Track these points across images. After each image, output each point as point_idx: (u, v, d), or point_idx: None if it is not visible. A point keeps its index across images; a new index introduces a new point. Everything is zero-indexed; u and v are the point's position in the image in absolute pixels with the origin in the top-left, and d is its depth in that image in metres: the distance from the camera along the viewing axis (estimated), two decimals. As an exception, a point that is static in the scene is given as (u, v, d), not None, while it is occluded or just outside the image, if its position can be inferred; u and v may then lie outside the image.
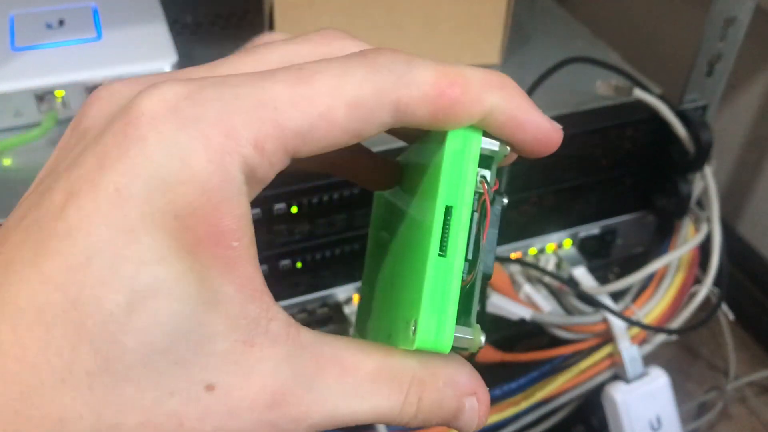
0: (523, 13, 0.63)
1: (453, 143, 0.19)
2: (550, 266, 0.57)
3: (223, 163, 0.16)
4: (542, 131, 0.20)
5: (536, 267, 0.55)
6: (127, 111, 0.17)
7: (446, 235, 0.19)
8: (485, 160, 0.19)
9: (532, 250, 0.56)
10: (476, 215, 0.19)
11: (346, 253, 0.49)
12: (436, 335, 0.18)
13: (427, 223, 0.19)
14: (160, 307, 0.16)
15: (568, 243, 0.57)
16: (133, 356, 0.16)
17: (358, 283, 0.51)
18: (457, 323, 0.19)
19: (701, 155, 0.52)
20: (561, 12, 0.66)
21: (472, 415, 0.20)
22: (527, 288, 0.55)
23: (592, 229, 0.58)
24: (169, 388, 0.17)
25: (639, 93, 0.51)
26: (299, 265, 0.48)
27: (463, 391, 0.20)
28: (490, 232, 0.20)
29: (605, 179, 0.55)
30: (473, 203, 0.19)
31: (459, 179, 0.19)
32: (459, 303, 0.19)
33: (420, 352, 0.19)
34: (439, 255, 0.19)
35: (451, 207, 0.19)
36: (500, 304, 0.52)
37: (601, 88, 0.53)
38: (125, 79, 0.19)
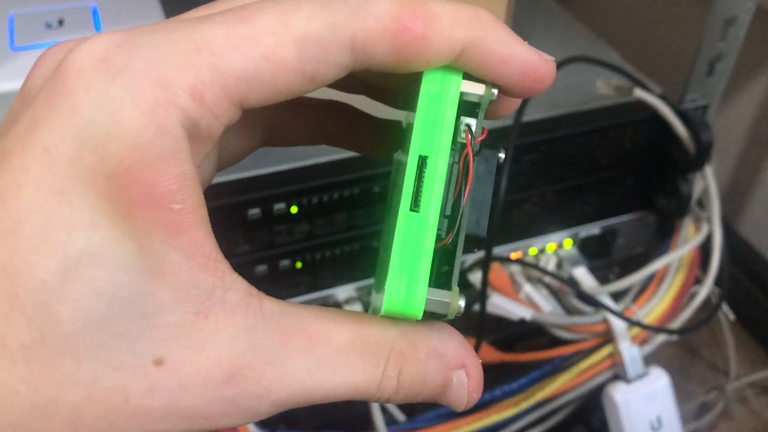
0: (523, 13, 0.63)
1: (428, 87, 0.17)
2: (551, 266, 0.57)
3: (156, 116, 0.15)
4: (529, 64, 0.17)
5: (536, 267, 0.55)
6: (57, 68, 0.16)
7: (420, 189, 0.17)
8: (469, 107, 0.18)
9: (533, 250, 0.56)
10: (458, 168, 0.17)
11: (346, 253, 0.49)
12: (406, 297, 0.16)
13: (403, 175, 0.17)
14: (96, 275, 0.15)
15: (568, 243, 0.57)
16: (70, 327, 0.15)
17: (358, 283, 0.51)
18: (432, 285, 0.17)
19: (702, 155, 0.52)
20: (561, 12, 0.66)
21: (461, 390, 0.18)
22: (527, 288, 0.55)
23: (593, 229, 0.58)
24: (113, 362, 0.15)
25: (639, 93, 0.51)
26: (299, 265, 0.48)
27: (450, 363, 0.18)
28: (479, 190, 0.18)
29: (605, 179, 0.55)
30: (453, 154, 0.17)
31: (434, 126, 0.17)
32: (435, 263, 0.17)
33: (400, 321, 0.17)
34: (411, 210, 0.17)
35: (426, 157, 0.17)
36: (500, 304, 0.52)
37: (602, 88, 0.53)
38: (70, 39, 0.18)
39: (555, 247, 0.57)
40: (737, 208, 0.75)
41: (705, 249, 0.55)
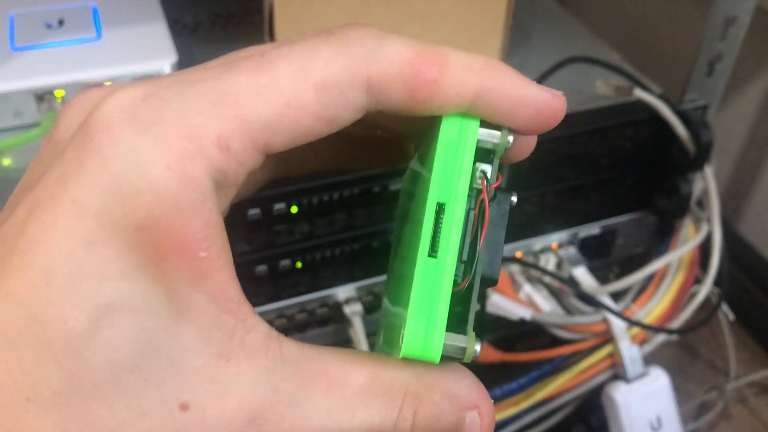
0: (523, 13, 0.63)
1: (447, 134, 0.17)
2: (550, 266, 0.57)
3: (184, 169, 0.15)
4: (542, 102, 0.18)
5: (536, 267, 0.55)
6: (85, 122, 0.16)
7: (438, 235, 0.17)
8: (485, 154, 0.18)
9: (533, 250, 0.56)
10: (473, 213, 0.18)
11: (346, 253, 0.49)
12: (424, 342, 0.17)
13: (420, 220, 0.18)
14: (125, 323, 0.16)
15: (568, 243, 0.57)
16: (101, 374, 0.15)
17: (358, 283, 0.51)
18: (449, 330, 0.17)
19: (701, 155, 0.52)
20: (561, 12, 0.66)
21: (474, 430, 0.19)
22: (527, 288, 0.55)
23: (593, 229, 0.58)
24: (140, 407, 0.16)
25: (639, 93, 0.51)
26: (299, 265, 0.48)
27: (463, 404, 0.19)
28: (493, 233, 0.18)
29: (605, 179, 0.55)
30: (469, 200, 0.18)
31: (452, 174, 0.17)
32: (452, 308, 0.17)
33: (415, 362, 0.18)
34: (429, 256, 0.17)
35: (444, 204, 0.17)
36: (500, 304, 0.52)
37: (602, 88, 0.53)
38: (100, 87, 0.19)
39: (555, 247, 0.57)
40: (737, 208, 0.75)
41: (705, 249, 0.55)
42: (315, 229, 0.47)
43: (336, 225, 0.47)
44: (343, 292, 0.51)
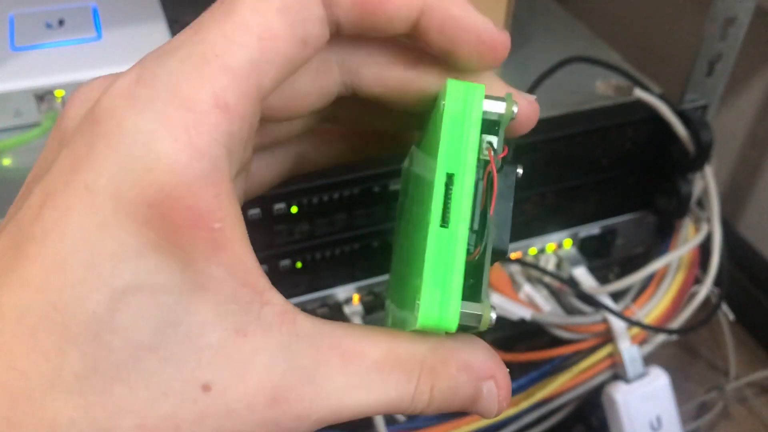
0: (523, 13, 0.63)
1: (452, 105, 0.17)
2: (550, 266, 0.57)
3: (190, 139, 0.15)
4: (485, 31, 0.18)
5: (536, 267, 0.55)
6: (91, 110, 0.16)
7: (448, 205, 0.17)
8: (490, 125, 0.18)
9: (532, 250, 0.56)
10: (482, 184, 0.18)
11: (346, 253, 0.49)
12: (440, 311, 0.17)
13: (427, 196, 0.18)
14: (143, 302, 0.16)
15: (568, 243, 0.57)
16: (122, 355, 0.15)
17: (358, 283, 0.51)
18: (463, 299, 0.17)
19: (701, 155, 0.52)
20: (561, 12, 0.66)
21: (491, 400, 0.19)
22: (527, 288, 0.55)
23: (593, 229, 0.58)
24: (162, 388, 0.16)
25: (639, 93, 0.51)
26: (299, 265, 0.48)
27: (480, 375, 0.19)
28: (501, 204, 0.18)
29: (605, 179, 0.55)
30: (477, 171, 0.18)
31: (460, 144, 0.17)
32: (465, 277, 0.17)
33: (430, 335, 0.18)
34: (441, 226, 0.17)
35: (453, 174, 0.17)
36: (500, 304, 0.52)
37: (602, 88, 0.53)
38: (100, 77, 0.19)
39: (555, 246, 0.57)
40: (737, 208, 0.75)
41: (705, 249, 0.55)
42: (315, 229, 0.47)
43: (336, 225, 0.47)
44: (343, 292, 0.51)
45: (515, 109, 0.18)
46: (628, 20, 0.79)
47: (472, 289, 0.18)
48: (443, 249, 0.17)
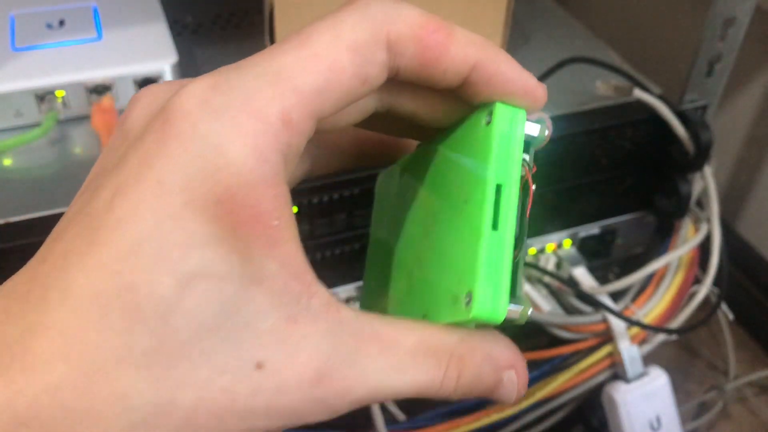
0: (523, 12, 0.63)
1: (500, 126, 0.20)
2: (550, 266, 0.57)
3: (256, 145, 0.17)
4: (530, 85, 0.20)
5: (536, 267, 0.55)
6: (162, 111, 0.18)
7: (498, 211, 0.20)
8: (525, 145, 0.20)
9: (532, 250, 0.56)
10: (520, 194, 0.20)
11: (346, 253, 0.49)
12: (492, 305, 0.19)
13: (476, 201, 0.20)
14: (207, 288, 0.17)
15: (568, 243, 0.57)
16: (185, 335, 0.17)
17: (359, 283, 0.51)
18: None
19: (701, 155, 0.52)
20: (561, 12, 0.66)
21: (511, 388, 0.21)
22: (527, 288, 0.55)
23: (592, 229, 0.58)
24: (221, 365, 0.17)
25: (639, 93, 0.51)
26: (299, 264, 0.48)
27: (502, 365, 0.21)
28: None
29: (605, 179, 0.55)
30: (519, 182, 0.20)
31: (508, 159, 0.20)
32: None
33: (459, 328, 0.20)
34: (493, 229, 0.19)
35: (501, 185, 0.20)
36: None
37: (601, 88, 0.53)
38: (164, 82, 0.21)
39: (554, 246, 0.57)
40: (736, 208, 0.75)
41: (704, 249, 0.55)
42: (315, 229, 0.47)
43: (336, 225, 0.47)
44: (343, 292, 0.51)
45: (547, 133, 0.21)
46: (628, 20, 0.80)
47: (512, 287, 0.20)
48: (494, 250, 0.19)
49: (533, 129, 0.20)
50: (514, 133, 0.20)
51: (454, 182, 0.21)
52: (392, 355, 0.19)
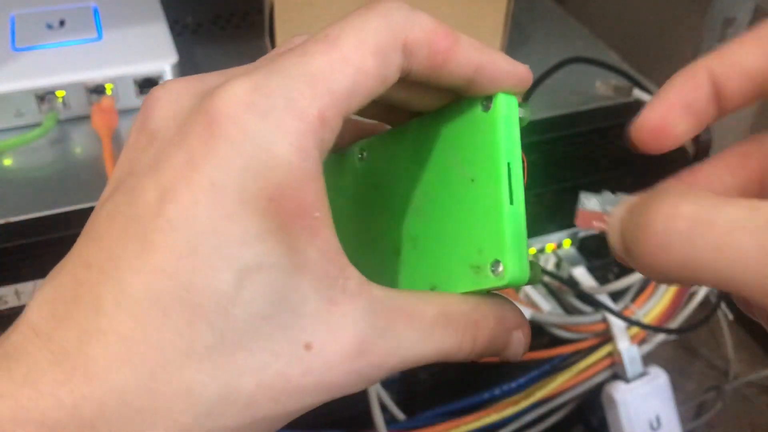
0: (523, 13, 0.63)
1: (502, 112, 0.22)
2: (550, 266, 0.57)
3: (301, 145, 0.19)
4: (524, 74, 0.23)
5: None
6: (202, 113, 0.19)
7: (512, 187, 0.22)
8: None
9: (532, 250, 0.56)
10: None
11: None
12: (521, 270, 0.21)
13: (486, 179, 0.22)
14: (262, 279, 0.18)
15: (567, 243, 0.58)
16: (244, 326, 0.18)
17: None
18: None
19: (700, 155, 0.52)
20: (561, 12, 0.66)
21: (519, 346, 0.24)
22: (527, 288, 0.55)
23: (592, 228, 0.58)
24: (275, 350, 0.19)
25: (638, 93, 0.51)
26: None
27: (510, 326, 0.23)
28: None
29: (605, 179, 0.55)
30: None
31: (511, 140, 0.22)
32: None
33: (471, 296, 0.22)
34: (510, 204, 0.22)
35: (510, 163, 0.22)
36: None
37: (601, 89, 0.53)
38: (178, 80, 0.21)
39: (554, 246, 0.57)
40: (736, 208, 0.74)
41: (704, 249, 0.55)
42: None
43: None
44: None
45: (530, 114, 0.23)
46: (627, 21, 0.80)
47: None
48: (514, 222, 0.22)
49: (522, 112, 0.23)
50: (514, 116, 0.22)
51: (453, 162, 0.23)
52: (418, 326, 0.21)
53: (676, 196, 0.18)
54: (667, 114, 0.23)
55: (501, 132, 0.22)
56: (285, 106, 0.19)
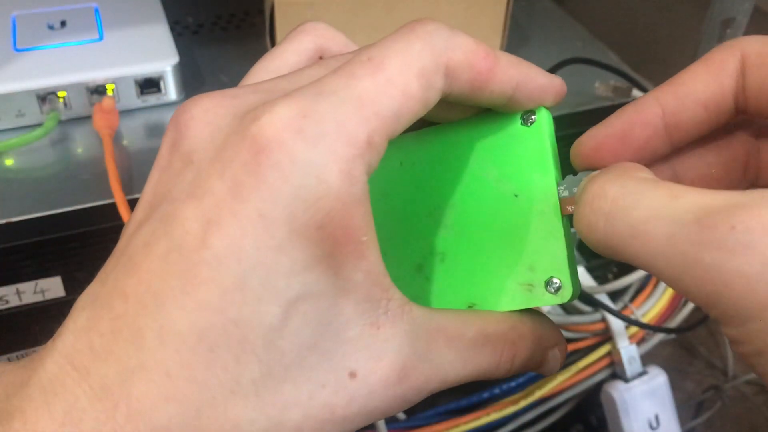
0: (523, 13, 0.63)
1: (546, 127, 0.22)
2: (549, 266, 0.57)
3: (350, 170, 0.18)
4: (560, 87, 0.23)
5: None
6: (248, 138, 0.18)
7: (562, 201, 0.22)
8: None
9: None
10: None
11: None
12: (576, 288, 0.21)
13: (534, 195, 0.22)
14: (308, 308, 0.18)
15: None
16: (290, 357, 0.18)
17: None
18: None
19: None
20: (560, 12, 0.66)
21: (555, 363, 0.23)
22: (526, 287, 0.55)
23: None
24: (320, 380, 0.19)
25: (637, 94, 0.52)
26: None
27: (546, 344, 0.23)
28: None
29: (604, 179, 0.55)
30: None
31: (556, 154, 0.23)
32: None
33: (509, 315, 0.22)
34: (563, 217, 0.22)
35: (557, 180, 0.22)
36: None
37: (600, 89, 0.53)
38: (211, 96, 0.20)
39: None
40: (735, 208, 0.75)
41: (703, 248, 0.55)
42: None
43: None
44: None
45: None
46: (627, 22, 0.80)
47: None
48: (568, 239, 0.21)
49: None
50: (552, 131, 0.23)
51: (488, 177, 0.23)
52: (457, 347, 0.21)
53: (607, 178, 0.19)
54: (603, 142, 0.23)
55: (548, 147, 0.22)
56: (335, 132, 0.18)
